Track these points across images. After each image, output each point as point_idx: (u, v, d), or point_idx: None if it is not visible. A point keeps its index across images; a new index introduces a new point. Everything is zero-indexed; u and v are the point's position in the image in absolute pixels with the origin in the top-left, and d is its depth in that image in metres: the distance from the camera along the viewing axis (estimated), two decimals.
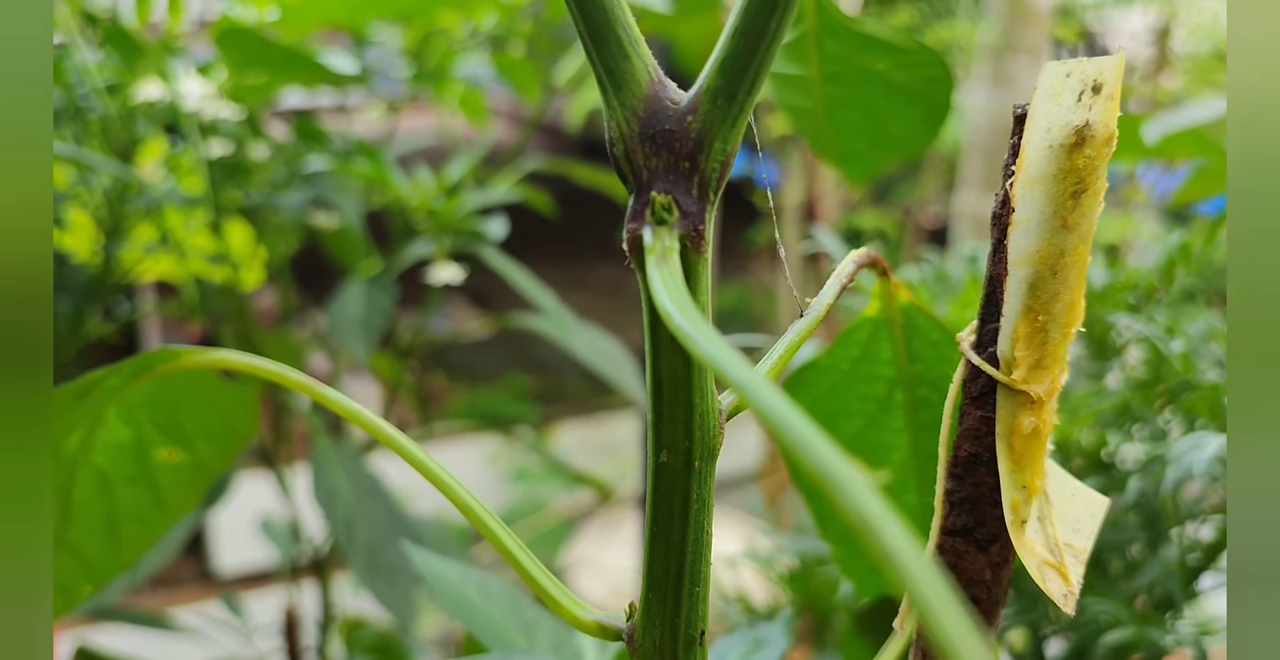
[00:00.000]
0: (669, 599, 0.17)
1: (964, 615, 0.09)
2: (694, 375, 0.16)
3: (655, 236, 0.15)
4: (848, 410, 0.27)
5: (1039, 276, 0.16)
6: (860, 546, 0.29)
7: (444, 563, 0.28)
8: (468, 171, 0.50)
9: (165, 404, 0.27)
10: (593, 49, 0.15)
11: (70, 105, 0.48)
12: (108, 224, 0.52)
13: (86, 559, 0.29)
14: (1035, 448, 0.17)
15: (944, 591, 0.09)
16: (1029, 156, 0.16)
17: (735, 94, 0.15)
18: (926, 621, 0.09)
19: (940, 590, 0.09)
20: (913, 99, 0.29)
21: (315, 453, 0.45)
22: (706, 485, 0.16)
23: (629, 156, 0.15)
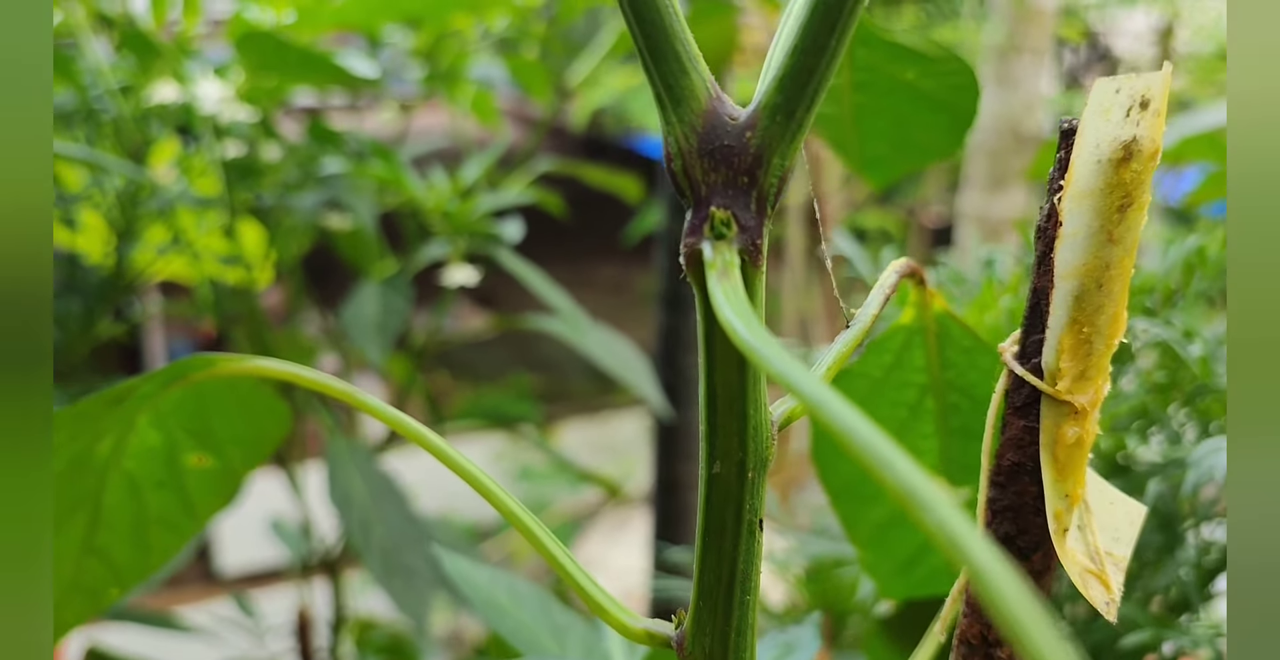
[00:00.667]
0: (720, 607, 0.17)
1: (1056, 637, 0.09)
2: (748, 388, 0.16)
3: (715, 251, 0.15)
4: (879, 417, 0.27)
5: (1085, 289, 0.16)
6: (886, 550, 0.29)
7: (473, 566, 0.28)
8: (482, 173, 0.51)
9: (197, 410, 0.27)
10: (651, 65, 0.15)
11: (83, 107, 0.48)
12: (120, 225, 0.52)
13: (114, 563, 0.29)
14: (1078, 457, 0.18)
15: (1036, 612, 0.09)
16: (1078, 171, 0.16)
17: (794, 111, 0.15)
18: (1016, 638, 0.09)
19: (1032, 610, 0.09)
20: (939, 107, 0.29)
21: (330, 453, 0.45)
22: (759, 495, 0.17)
23: (687, 172, 0.15)
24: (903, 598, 0.29)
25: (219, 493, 0.29)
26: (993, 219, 1.20)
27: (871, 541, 0.29)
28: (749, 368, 0.16)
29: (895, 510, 0.29)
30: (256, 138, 0.49)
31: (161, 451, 0.27)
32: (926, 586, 0.29)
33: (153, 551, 0.29)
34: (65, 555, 0.28)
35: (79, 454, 0.27)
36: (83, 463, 0.27)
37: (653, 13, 0.15)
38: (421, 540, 0.43)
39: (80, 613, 0.29)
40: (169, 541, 0.29)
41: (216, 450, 0.28)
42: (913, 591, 0.29)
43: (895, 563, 0.29)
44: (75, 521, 0.28)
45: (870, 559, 0.29)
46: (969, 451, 0.27)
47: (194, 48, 0.45)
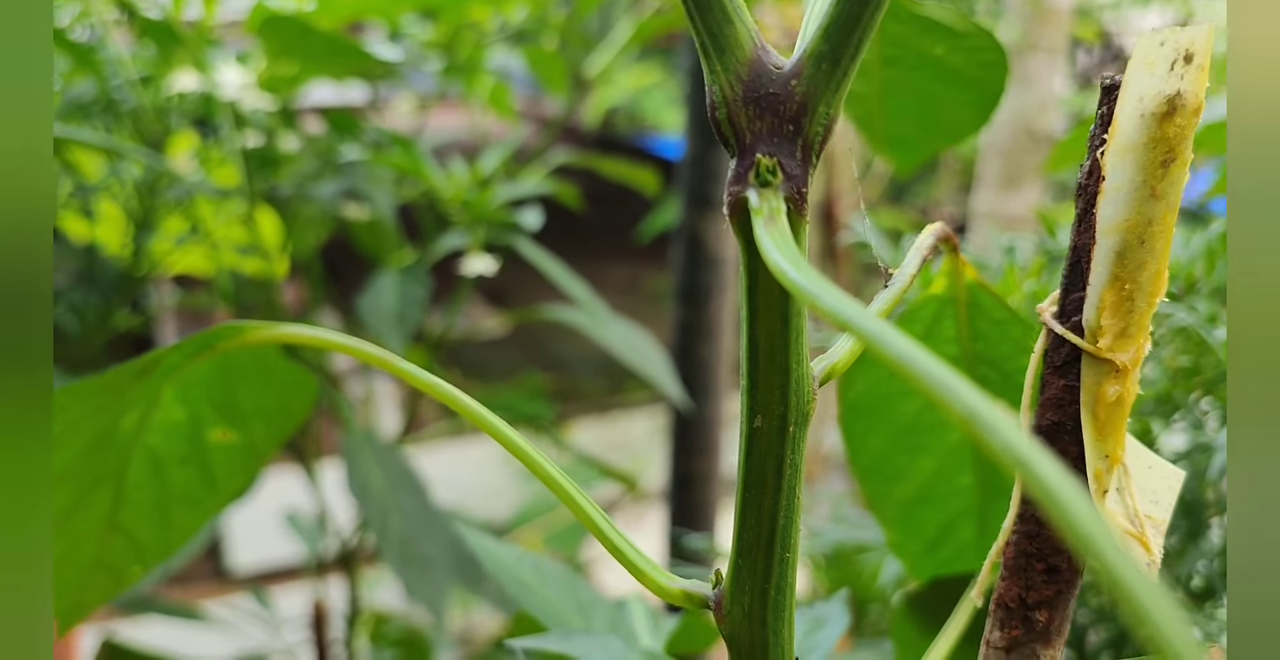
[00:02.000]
0: (759, 565, 0.17)
1: (1121, 548, 0.09)
2: (791, 340, 0.16)
3: (761, 198, 0.15)
4: (907, 390, 0.27)
5: (1127, 245, 0.16)
6: (913, 528, 0.29)
7: (499, 546, 0.28)
8: (500, 165, 0.51)
9: (223, 383, 0.27)
10: (695, 13, 0.15)
11: (103, 96, 0.49)
12: (138, 215, 0.52)
13: (137, 540, 0.29)
14: (1119, 417, 0.17)
15: (1102, 526, 0.09)
16: (1121, 125, 0.16)
17: (839, 59, 0.15)
18: (1086, 548, 0.09)
19: (1098, 523, 0.09)
20: (967, 84, 0.29)
21: (348, 443, 0.45)
22: (799, 451, 0.16)
23: (732, 120, 0.15)
24: (929, 576, 0.29)
25: (242, 470, 0.29)
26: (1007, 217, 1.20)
27: (898, 520, 0.29)
28: (793, 319, 0.16)
29: (922, 487, 0.29)
30: (275, 127, 0.50)
31: (186, 426, 0.27)
32: (952, 564, 0.29)
33: (175, 529, 0.29)
34: (88, 532, 0.28)
35: (104, 429, 0.27)
36: (107, 438, 0.27)
37: None
38: (439, 530, 0.43)
39: (103, 591, 0.29)
40: (191, 519, 0.29)
41: (241, 425, 0.28)
42: (939, 569, 0.29)
43: (922, 541, 0.29)
44: (99, 498, 0.28)
45: (897, 537, 0.29)
46: None
47: (214, 37, 0.45)
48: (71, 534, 0.28)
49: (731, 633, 0.17)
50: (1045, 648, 0.18)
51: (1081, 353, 0.17)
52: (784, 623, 0.17)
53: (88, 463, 0.27)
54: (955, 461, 0.28)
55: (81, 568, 0.28)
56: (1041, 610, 0.18)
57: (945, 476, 0.29)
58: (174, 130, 0.49)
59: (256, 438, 0.28)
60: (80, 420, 0.25)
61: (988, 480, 0.29)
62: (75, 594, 0.29)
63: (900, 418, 0.28)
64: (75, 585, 0.29)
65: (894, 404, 0.27)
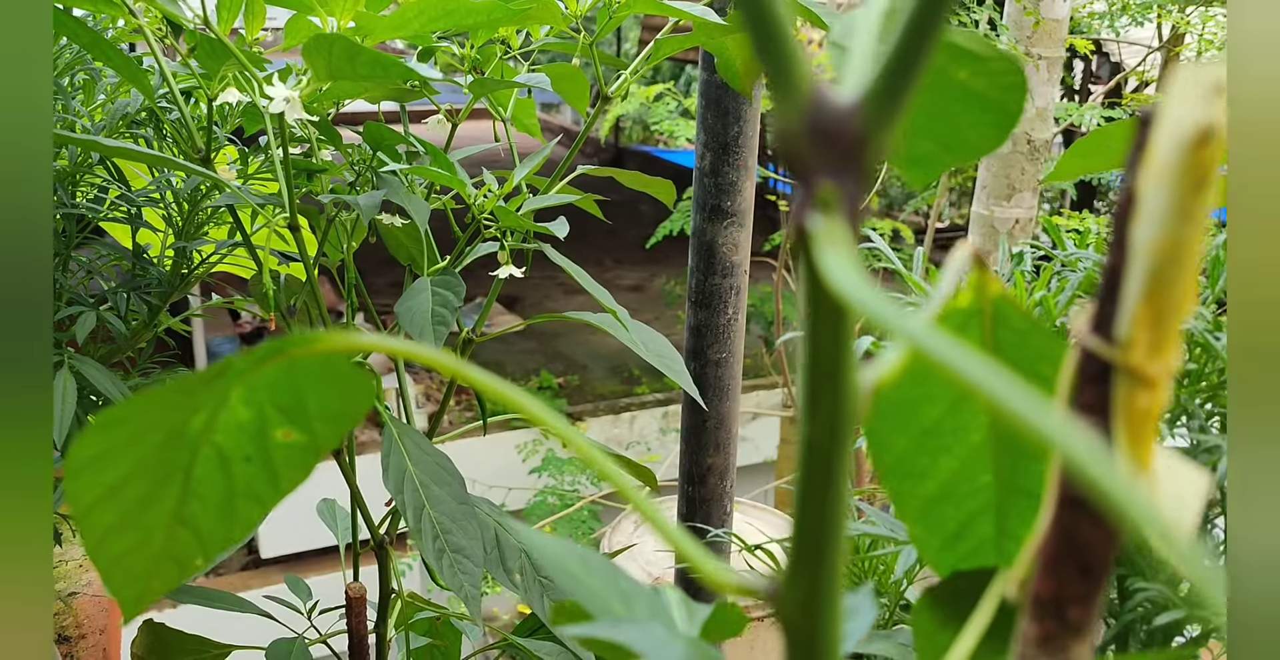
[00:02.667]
0: (814, 561, 0.18)
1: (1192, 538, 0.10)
2: (844, 356, 0.17)
3: (823, 223, 0.16)
4: (930, 395, 0.28)
5: (1160, 264, 0.18)
6: (935, 524, 0.31)
7: (546, 538, 0.29)
8: (527, 175, 0.52)
9: (289, 386, 0.28)
10: (762, 56, 0.17)
11: (150, 109, 0.50)
12: (180, 223, 0.54)
13: (201, 533, 0.31)
14: (1149, 426, 0.19)
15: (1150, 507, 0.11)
16: (1157, 153, 0.17)
17: (897, 97, 0.16)
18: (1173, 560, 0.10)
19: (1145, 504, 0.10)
20: (987, 105, 0.31)
21: (385, 437, 0.46)
22: (849, 455, 0.18)
23: (795, 151, 0.17)
24: (949, 571, 0.31)
25: (302, 466, 0.30)
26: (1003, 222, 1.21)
27: (920, 516, 0.30)
28: (846, 337, 0.17)
29: (944, 486, 0.30)
30: (311, 138, 0.51)
31: (251, 426, 0.29)
32: (972, 559, 0.30)
33: (237, 522, 0.30)
34: (157, 525, 0.30)
35: (175, 428, 0.28)
36: (177, 436, 0.28)
37: (763, 10, 0.16)
38: (471, 522, 0.45)
39: (168, 580, 0.30)
40: (253, 513, 0.30)
41: (304, 425, 0.29)
42: (959, 564, 0.31)
43: (943, 536, 0.30)
44: (168, 493, 0.29)
45: (919, 532, 0.30)
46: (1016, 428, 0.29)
47: (259, 52, 0.47)
48: (143, 526, 0.29)
49: (788, 622, 0.18)
50: (1076, 641, 0.20)
51: (1113, 365, 0.19)
52: (835, 613, 0.18)
53: (159, 459, 0.28)
54: (976, 462, 0.30)
55: (150, 558, 0.30)
56: (1074, 606, 0.19)
57: (966, 476, 0.30)
58: (218, 141, 0.51)
59: (318, 436, 0.30)
60: (155, 420, 0.27)
61: (1006, 480, 0.30)
62: (143, 582, 0.30)
63: (924, 421, 0.29)
64: (143, 574, 0.30)
65: (919, 408, 0.29)
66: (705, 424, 0.67)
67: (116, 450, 0.27)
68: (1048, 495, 0.20)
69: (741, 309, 0.66)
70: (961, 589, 0.31)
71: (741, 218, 0.68)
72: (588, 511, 1.73)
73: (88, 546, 0.29)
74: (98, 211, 0.55)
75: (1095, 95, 1.52)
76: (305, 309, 0.54)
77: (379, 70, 0.39)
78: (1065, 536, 0.19)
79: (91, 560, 0.29)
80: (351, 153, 0.53)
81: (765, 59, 0.17)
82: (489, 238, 0.52)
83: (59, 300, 0.55)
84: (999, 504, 0.30)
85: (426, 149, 0.50)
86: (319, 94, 0.46)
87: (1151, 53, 1.47)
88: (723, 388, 0.67)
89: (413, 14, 0.45)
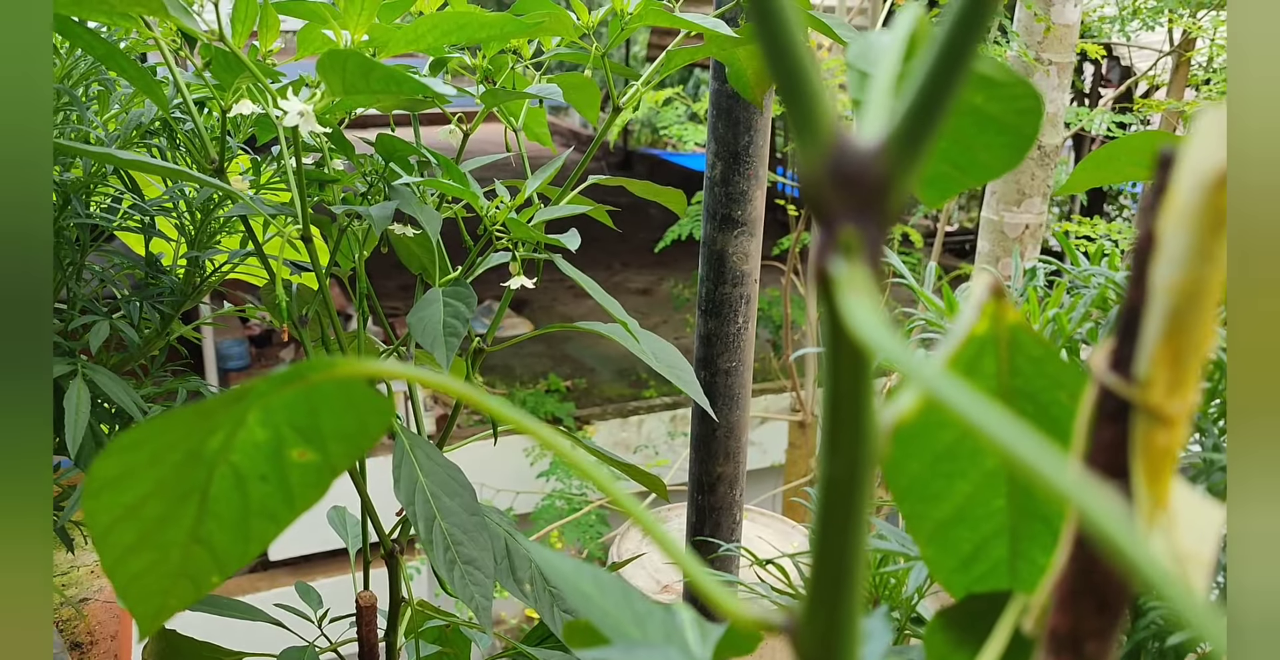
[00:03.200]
0: (832, 593, 0.18)
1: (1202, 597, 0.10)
2: (864, 396, 0.18)
3: (845, 268, 0.16)
4: (944, 420, 0.28)
5: (1181, 304, 0.18)
6: (948, 547, 0.31)
7: (558, 557, 0.29)
8: (540, 186, 0.52)
9: (306, 408, 0.28)
10: (787, 100, 0.17)
11: (163, 119, 0.51)
12: (193, 232, 0.55)
13: (216, 551, 0.31)
14: (1168, 464, 0.19)
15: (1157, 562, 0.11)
16: (1179, 195, 0.17)
17: (920, 141, 0.16)
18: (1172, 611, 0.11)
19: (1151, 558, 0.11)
20: (1002, 128, 0.31)
21: (396, 448, 0.47)
22: (869, 492, 0.18)
23: (818, 195, 0.17)
24: (963, 593, 0.31)
25: (317, 485, 0.30)
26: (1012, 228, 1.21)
27: (934, 538, 0.30)
28: (866, 377, 0.17)
29: (958, 509, 0.30)
30: (325, 147, 0.52)
31: (267, 446, 0.29)
32: (985, 581, 0.31)
33: (252, 540, 0.31)
34: (174, 543, 0.30)
35: (192, 448, 0.29)
36: (195, 457, 0.29)
37: (789, 57, 0.17)
38: (482, 532, 0.45)
39: (184, 598, 0.31)
40: (267, 531, 0.31)
41: (320, 446, 0.29)
42: (972, 586, 0.31)
43: (957, 558, 0.30)
44: (185, 511, 0.30)
45: (932, 554, 0.30)
46: None
47: (273, 64, 0.47)
48: (160, 545, 0.29)
49: (806, 655, 0.19)
50: None
51: (1133, 404, 0.19)
52: (854, 649, 0.19)
53: (177, 479, 0.29)
54: (990, 485, 0.30)
55: (167, 575, 0.30)
56: (1091, 641, 0.19)
57: (980, 499, 0.30)
58: (231, 151, 0.51)
59: (333, 456, 0.30)
60: (174, 441, 0.27)
61: (1020, 504, 0.30)
62: (159, 600, 0.31)
63: (938, 445, 0.29)
64: (160, 592, 0.31)
65: (933, 433, 0.29)
66: (715, 432, 0.67)
67: (136, 471, 0.27)
68: (1065, 531, 0.20)
69: (752, 318, 0.66)
70: (975, 611, 0.32)
71: (752, 227, 0.68)
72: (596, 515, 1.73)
73: (105, 564, 0.30)
74: (111, 221, 0.55)
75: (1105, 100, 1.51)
76: (317, 318, 0.54)
77: (393, 86, 0.40)
78: (1082, 573, 0.19)
79: (109, 578, 0.29)
80: (364, 163, 0.53)
81: (789, 104, 0.17)
82: (500, 248, 0.52)
83: (72, 308, 0.55)
84: (1013, 527, 0.30)
85: (438, 160, 0.50)
86: (331, 106, 0.47)
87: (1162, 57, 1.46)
88: (732, 397, 0.67)
89: (426, 28, 0.45)
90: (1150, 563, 0.11)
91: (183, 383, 0.56)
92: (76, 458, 0.51)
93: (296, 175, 0.48)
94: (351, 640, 0.56)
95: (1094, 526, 0.12)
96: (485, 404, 0.22)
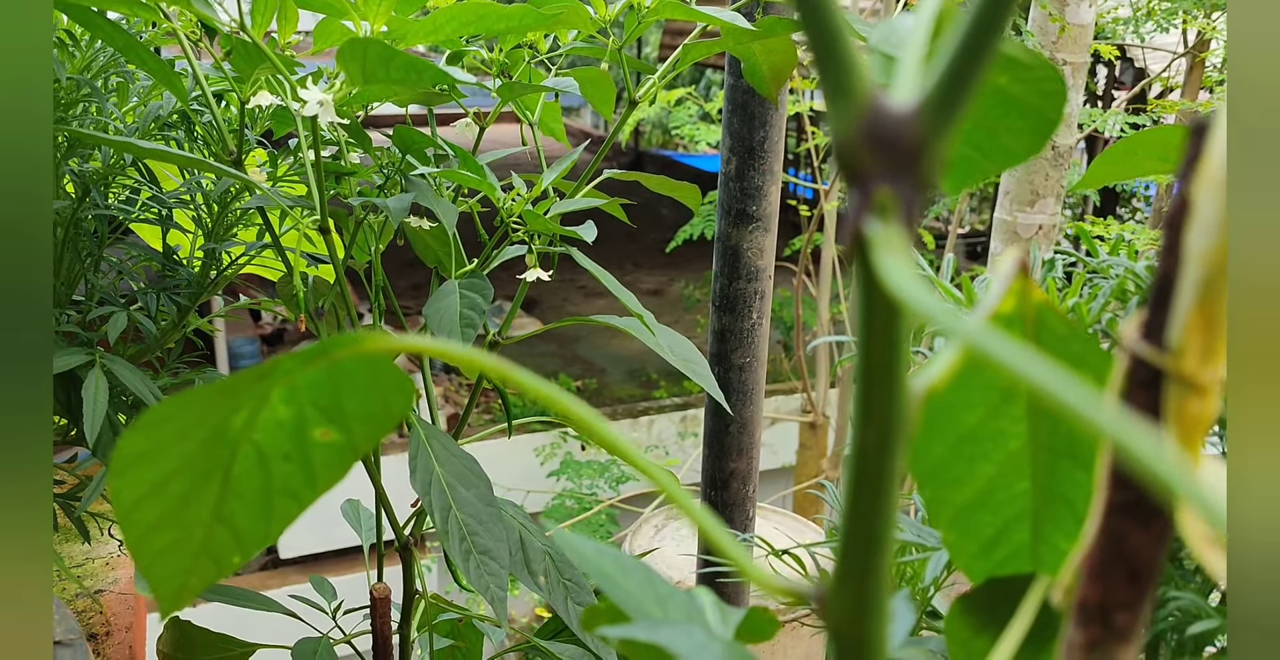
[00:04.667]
0: (862, 566, 0.18)
1: None
2: (897, 362, 0.18)
3: (881, 229, 0.16)
4: (970, 401, 0.28)
5: (1213, 272, 0.18)
6: (970, 532, 0.31)
7: (580, 540, 0.29)
8: (556, 179, 0.53)
9: (329, 386, 0.29)
10: (821, 61, 0.17)
11: (182, 111, 0.51)
12: (210, 225, 0.55)
13: (238, 531, 0.31)
14: (1199, 433, 0.19)
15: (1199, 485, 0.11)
16: (1211, 163, 0.17)
17: (953, 104, 0.16)
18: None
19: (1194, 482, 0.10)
20: (1026, 111, 0.31)
21: (412, 438, 0.47)
22: (900, 461, 0.18)
23: (853, 157, 0.17)
24: (984, 577, 0.30)
25: (339, 465, 0.31)
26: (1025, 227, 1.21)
27: (956, 523, 0.30)
28: (900, 342, 0.17)
29: (981, 493, 0.30)
30: (341, 141, 0.52)
31: (290, 425, 0.29)
32: (1007, 566, 0.30)
33: (274, 520, 0.31)
34: (197, 522, 0.30)
35: (217, 426, 0.29)
36: (219, 435, 0.29)
37: (822, 19, 0.17)
38: (498, 524, 0.45)
39: (206, 577, 0.31)
40: (289, 511, 0.31)
41: (343, 425, 0.29)
42: (994, 571, 0.30)
43: (978, 543, 0.30)
44: (208, 490, 0.30)
45: (954, 539, 0.30)
46: (1055, 433, 0.29)
47: (292, 55, 0.48)
48: (183, 523, 0.30)
49: (836, 627, 0.19)
50: (1123, 648, 0.20)
51: (1165, 372, 0.19)
52: (883, 619, 0.18)
53: (202, 457, 0.29)
54: (1014, 468, 0.30)
55: (189, 555, 0.30)
56: (1121, 612, 0.19)
57: (1003, 482, 0.30)
58: (248, 144, 0.51)
59: (356, 436, 0.30)
60: (199, 418, 0.27)
61: (1044, 486, 0.30)
62: (181, 579, 0.31)
63: (962, 427, 0.29)
64: (182, 571, 0.31)
65: (957, 414, 0.29)
66: (728, 428, 0.67)
67: (161, 448, 0.28)
68: (1095, 501, 0.20)
69: (766, 314, 0.66)
70: (996, 596, 0.31)
71: (767, 222, 0.68)
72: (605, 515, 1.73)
73: (129, 542, 0.30)
74: (129, 213, 0.56)
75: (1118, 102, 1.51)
76: (333, 310, 0.54)
77: (413, 74, 0.40)
78: (1113, 542, 0.19)
79: (132, 556, 0.29)
80: (380, 156, 0.53)
81: (823, 65, 0.17)
82: (516, 241, 0.53)
83: (90, 300, 0.56)
84: (1035, 511, 0.30)
85: (455, 152, 0.51)
86: (349, 98, 0.47)
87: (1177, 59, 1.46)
88: (746, 392, 0.67)
89: (445, 19, 0.45)
90: (1187, 484, 0.11)
91: (199, 374, 0.56)
92: (94, 447, 0.51)
93: (315, 166, 0.48)
94: (364, 632, 0.56)
95: (1129, 456, 0.12)
96: (517, 378, 0.22)
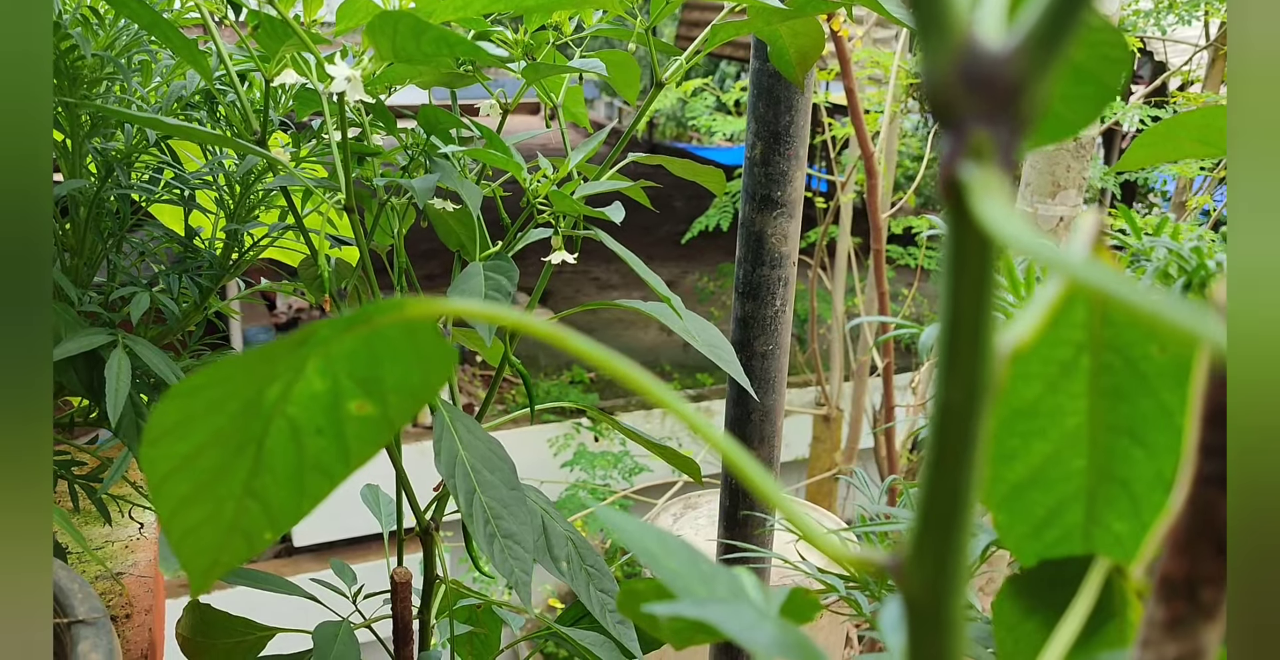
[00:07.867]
0: (943, 534, 0.17)
1: None
2: (986, 316, 0.17)
3: (977, 173, 0.15)
4: (1029, 374, 0.27)
5: None
6: (1021, 512, 0.30)
7: (625, 518, 0.29)
8: (581, 161, 0.52)
9: (367, 357, 0.28)
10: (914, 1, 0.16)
11: (206, 90, 0.51)
12: (232, 205, 0.54)
13: (270, 506, 0.30)
14: None
15: None
16: None
17: (1054, 43, 0.15)
18: None
19: None
20: (1084, 78, 0.30)
21: (437, 422, 0.46)
22: (986, 423, 0.17)
23: (947, 99, 0.16)
24: (1034, 559, 0.30)
25: (373, 440, 0.30)
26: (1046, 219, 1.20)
27: (1006, 502, 0.29)
28: (989, 295, 0.16)
29: (1034, 470, 0.29)
30: (365, 122, 0.51)
31: (325, 397, 0.28)
32: (1058, 548, 0.29)
33: (306, 496, 0.30)
34: (228, 496, 0.29)
35: (250, 398, 0.28)
36: (253, 407, 0.28)
37: None
38: (523, 507, 0.44)
39: (237, 554, 0.30)
40: (321, 486, 0.30)
41: (379, 398, 0.29)
42: (1044, 552, 0.30)
43: (1029, 523, 0.29)
44: (240, 464, 0.29)
45: (1004, 519, 0.29)
46: (1116, 412, 0.27)
47: (319, 33, 0.47)
48: (215, 497, 0.29)
49: (912, 597, 0.18)
50: (1208, 624, 0.19)
51: None
52: (962, 589, 0.18)
53: (235, 430, 0.28)
54: (1071, 446, 0.29)
55: (220, 530, 0.30)
56: (1208, 586, 0.18)
57: (1059, 460, 0.29)
58: (271, 125, 0.51)
59: (392, 410, 0.29)
60: (234, 389, 0.27)
61: (1101, 466, 0.29)
62: (212, 555, 0.30)
63: (1018, 401, 0.28)
64: (213, 547, 0.30)
65: (1014, 387, 0.28)
66: (750, 416, 0.66)
67: (194, 419, 0.27)
68: (1182, 473, 0.19)
69: (789, 301, 0.65)
70: (1046, 578, 0.30)
71: (791, 208, 0.67)
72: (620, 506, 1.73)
73: (161, 517, 0.29)
74: (152, 193, 0.55)
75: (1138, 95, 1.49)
76: (355, 292, 0.54)
77: (444, 48, 0.39)
78: (1202, 514, 0.18)
79: (164, 531, 0.29)
80: (405, 137, 0.53)
81: (915, 1, 0.16)
82: (541, 223, 0.52)
83: (112, 280, 0.55)
84: (1090, 491, 0.29)
85: (482, 132, 0.50)
86: (373, 77, 0.46)
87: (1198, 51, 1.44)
88: (769, 380, 0.66)
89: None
90: None
91: (221, 355, 0.55)
92: (116, 428, 0.51)
93: (340, 145, 0.47)
94: (384, 617, 0.55)
95: None
96: (569, 341, 0.21)
